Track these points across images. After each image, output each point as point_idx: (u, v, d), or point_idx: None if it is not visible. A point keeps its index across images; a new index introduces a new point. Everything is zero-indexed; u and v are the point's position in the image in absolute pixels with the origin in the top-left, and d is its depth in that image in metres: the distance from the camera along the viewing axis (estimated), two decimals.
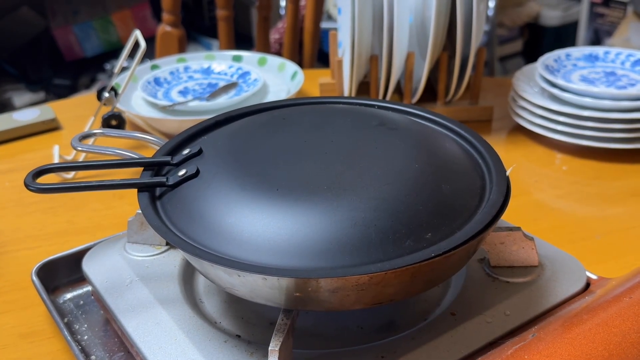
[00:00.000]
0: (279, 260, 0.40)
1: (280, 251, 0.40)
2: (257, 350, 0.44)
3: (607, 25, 2.17)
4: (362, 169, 0.44)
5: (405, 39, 0.84)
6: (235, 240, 0.41)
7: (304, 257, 0.39)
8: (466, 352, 0.44)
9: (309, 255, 0.39)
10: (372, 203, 0.42)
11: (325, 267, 0.39)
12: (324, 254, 0.39)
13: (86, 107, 0.98)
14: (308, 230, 0.40)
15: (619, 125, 0.78)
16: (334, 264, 0.39)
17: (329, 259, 0.39)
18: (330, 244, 0.40)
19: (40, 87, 2.38)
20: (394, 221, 0.41)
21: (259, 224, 0.41)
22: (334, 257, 0.39)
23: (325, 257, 0.39)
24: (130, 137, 0.55)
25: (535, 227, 0.64)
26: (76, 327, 0.54)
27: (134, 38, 0.84)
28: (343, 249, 0.40)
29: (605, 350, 0.38)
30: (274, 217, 0.41)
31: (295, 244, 0.40)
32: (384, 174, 0.44)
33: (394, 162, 0.45)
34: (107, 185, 0.47)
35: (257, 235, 0.41)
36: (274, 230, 0.41)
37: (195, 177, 0.46)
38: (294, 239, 0.40)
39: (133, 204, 0.55)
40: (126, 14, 2.53)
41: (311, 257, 0.39)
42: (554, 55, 0.90)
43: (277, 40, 1.62)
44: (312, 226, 0.40)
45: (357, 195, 0.42)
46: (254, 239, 0.41)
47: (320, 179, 0.43)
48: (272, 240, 0.40)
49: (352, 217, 0.41)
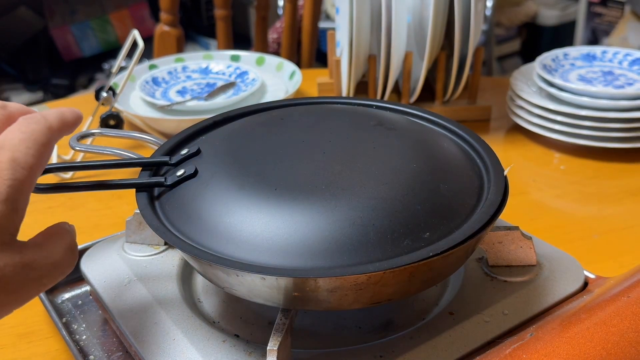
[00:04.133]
0: (277, 260, 0.40)
1: (278, 251, 0.40)
2: (256, 349, 0.44)
3: (604, 25, 2.17)
4: (360, 169, 0.44)
5: (404, 39, 0.85)
6: (234, 240, 0.41)
7: (303, 257, 0.39)
8: (464, 352, 0.44)
9: (308, 255, 0.39)
10: (370, 202, 0.42)
11: (323, 266, 0.39)
12: (322, 253, 0.39)
13: (84, 107, 0.98)
14: (306, 230, 0.40)
15: (617, 125, 0.78)
16: (332, 264, 0.39)
17: (327, 259, 0.39)
18: (329, 244, 0.40)
19: (38, 86, 2.37)
20: (392, 221, 0.41)
21: (258, 224, 0.41)
22: (333, 257, 0.39)
23: (324, 257, 0.39)
24: (128, 137, 0.55)
25: (533, 226, 0.65)
26: (74, 327, 0.54)
27: (132, 38, 0.84)
28: (342, 249, 0.40)
29: (603, 350, 0.38)
30: (272, 217, 0.41)
31: (294, 243, 0.40)
32: (382, 174, 0.44)
33: (391, 161, 0.45)
34: (106, 185, 0.47)
35: (255, 235, 0.41)
36: (273, 229, 0.41)
37: (193, 177, 0.46)
38: (292, 238, 0.40)
39: (131, 204, 0.55)
40: (124, 13, 2.53)
41: (310, 256, 0.39)
42: (551, 54, 0.90)
43: (275, 40, 1.62)
44: (310, 226, 0.40)
45: (355, 195, 0.42)
46: (253, 239, 0.41)
47: (318, 178, 0.43)
48: (270, 240, 0.40)
49: (351, 216, 0.41)
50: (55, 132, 0.40)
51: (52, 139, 0.40)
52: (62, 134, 0.41)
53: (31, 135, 0.38)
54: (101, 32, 2.51)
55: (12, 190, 0.36)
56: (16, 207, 0.36)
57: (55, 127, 0.40)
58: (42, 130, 0.39)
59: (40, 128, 0.39)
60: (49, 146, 0.39)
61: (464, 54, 0.85)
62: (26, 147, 0.37)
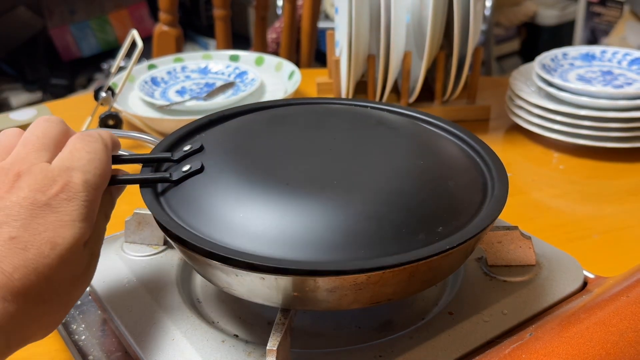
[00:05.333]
0: (293, 254, 0.39)
1: (294, 244, 0.39)
2: (255, 350, 0.44)
3: (603, 25, 2.17)
4: (367, 165, 0.45)
5: (403, 39, 0.85)
6: (248, 234, 0.40)
7: (320, 250, 0.39)
8: (464, 351, 0.44)
9: (324, 248, 0.39)
10: (384, 197, 0.42)
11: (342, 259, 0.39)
12: (339, 247, 0.39)
13: (83, 107, 0.98)
14: (322, 223, 0.40)
15: (616, 124, 0.78)
16: (350, 257, 0.39)
17: (345, 252, 0.39)
18: (345, 237, 0.40)
19: (38, 87, 2.37)
20: (407, 215, 0.41)
21: (272, 218, 0.41)
22: (350, 250, 0.39)
23: (342, 249, 0.39)
24: (127, 136, 0.55)
25: (533, 226, 0.65)
26: (74, 327, 0.53)
27: (131, 38, 0.84)
28: (358, 242, 0.39)
29: (602, 349, 0.38)
30: (287, 211, 0.41)
31: (310, 236, 0.40)
32: (390, 170, 0.44)
33: (397, 159, 0.46)
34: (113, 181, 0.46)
35: (270, 229, 0.40)
36: (288, 223, 0.40)
37: (200, 173, 0.45)
38: (308, 231, 0.40)
39: (130, 204, 0.55)
40: (123, 13, 2.53)
41: (326, 249, 0.39)
42: (550, 54, 0.90)
43: (274, 40, 1.62)
44: (326, 219, 0.40)
45: (368, 190, 0.42)
46: (269, 232, 0.40)
47: (329, 173, 0.44)
48: (286, 233, 0.40)
49: (365, 210, 0.41)
50: (110, 150, 0.43)
51: (109, 156, 0.43)
52: (113, 153, 0.45)
53: (96, 155, 0.41)
54: (100, 32, 2.50)
55: (88, 210, 0.40)
56: (92, 222, 0.40)
57: (109, 146, 0.44)
58: (103, 149, 0.42)
59: (102, 147, 0.42)
60: (110, 164, 0.43)
61: (463, 54, 0.85)
62: (94, 167, 0.41)
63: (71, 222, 0.38)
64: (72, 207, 0.39)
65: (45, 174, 0.39)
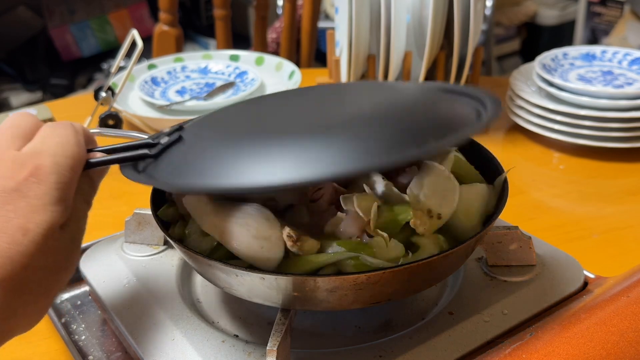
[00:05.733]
0: (292, 174, 0.36)
1: (293, 164, 0.37)
2: (255, 350, 0.44)
3: (604, 25, 2.17)
4: (356, 105, 0.44)
5: (403, 39, 0.84)
6: (242, 168, 0.37)
7: (323, 162, 0.36)
8: (464, 351, 0.44)
9: (329, 160, 0.36)
10: (380, 111, 0.40)
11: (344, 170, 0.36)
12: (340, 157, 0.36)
13: (83, 107, 0.98)
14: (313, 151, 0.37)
15: (616, 124, 0.78)
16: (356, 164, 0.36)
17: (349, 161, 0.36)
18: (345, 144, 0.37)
19: (37, 86, 2.37)
20: (407, 122, 0.39)
21: (263, 149, 0.38)
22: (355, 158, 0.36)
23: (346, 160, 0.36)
24: (127, 136, 0.54)
25: (533, 226, 0.64)
26: (74, 327, 0.54)
27: (131, 37, 0.84)
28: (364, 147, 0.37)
29: (603, 349, 0.38)
30: (274, 149, 0.38)
31: (307, 154, 0.37)
32: (380, 103, 0.43)
33: (387, 100, 0.44)
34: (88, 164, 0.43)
35: (264, 155, 0.38)
36: (281, 149, 0.38)
37: (179, 142, 0.43)
38: (305, 148, 0.37)
39: (129, 204, 0.55)
40: (123, 13, 2.53)
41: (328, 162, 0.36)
42: (551, 54, 0.90)
43: (274, 40, 1.62)
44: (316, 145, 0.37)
45: (360, 114, 0.41)
46: (263, 159, 0.37)
47: (314, 117, 0.43)
48: (282, 155, 0.37)
49: (364, 119, 0.39)
50: (81, 135, 0.43)
51: (81, 140, 0.43)
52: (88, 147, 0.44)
53: (66, 139, 0.41)
54: (100, 32, 2.50)
55: (60, 193, 0.39)
56: (68, 206, 0.39)
57: (80, 132, 0.43)
58: (73, 133, 0.42)
59: (71, 131, 0.42)
60: (82, 147, 0.42)
61: (463, 54, 0.85)
62: (64, 149, 0.40)
63: (42, 205, 0.38)
64: (43, 190, 0.38)
65: (14, 160, 0.39)
